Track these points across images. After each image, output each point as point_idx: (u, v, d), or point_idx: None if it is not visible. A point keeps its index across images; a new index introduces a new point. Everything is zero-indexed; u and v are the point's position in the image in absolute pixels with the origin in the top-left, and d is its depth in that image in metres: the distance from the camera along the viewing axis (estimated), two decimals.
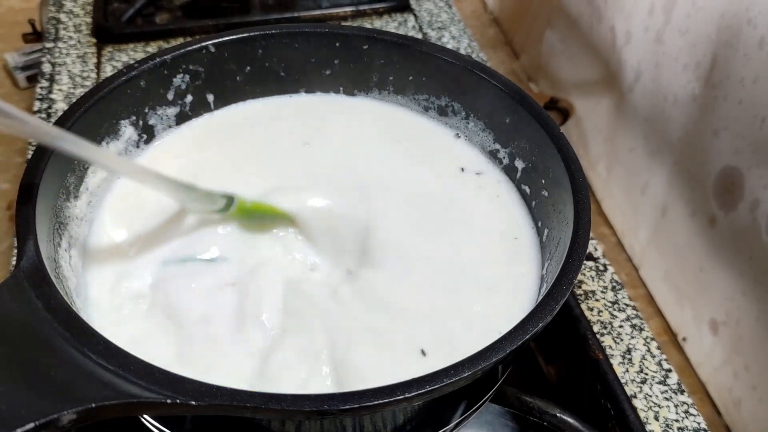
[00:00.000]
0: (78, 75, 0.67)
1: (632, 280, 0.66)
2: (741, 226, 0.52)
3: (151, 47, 0.70)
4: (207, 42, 0.46)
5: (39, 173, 0.36)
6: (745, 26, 0.49)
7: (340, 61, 0.49)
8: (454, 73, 0.47)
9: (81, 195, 0.41)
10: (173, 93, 0.47)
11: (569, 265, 0.35)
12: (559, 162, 0.40)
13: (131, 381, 0.29)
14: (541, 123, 0.42)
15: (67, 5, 0.75)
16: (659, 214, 0.62)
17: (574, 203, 0.38)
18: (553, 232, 0.41)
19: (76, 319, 0.31)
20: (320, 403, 0.28)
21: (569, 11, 0.74)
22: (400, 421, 0.35)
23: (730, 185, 0.53)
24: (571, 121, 0.76)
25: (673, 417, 0.45)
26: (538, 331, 0.32)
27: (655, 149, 0.62)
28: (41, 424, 0.26)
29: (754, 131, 0.50)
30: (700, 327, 0.58)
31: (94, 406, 0.27)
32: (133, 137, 0.45)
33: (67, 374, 0.29)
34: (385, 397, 0.29)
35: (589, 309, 0.51)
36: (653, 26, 0.60)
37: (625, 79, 0.65)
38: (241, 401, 0.28)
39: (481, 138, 0.48)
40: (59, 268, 0.36)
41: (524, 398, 0.45)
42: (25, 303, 0.31)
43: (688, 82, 0.56)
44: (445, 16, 0.78)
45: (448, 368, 0.30)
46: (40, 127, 0.34)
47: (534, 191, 0.44)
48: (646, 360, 0.48)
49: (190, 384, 0.29)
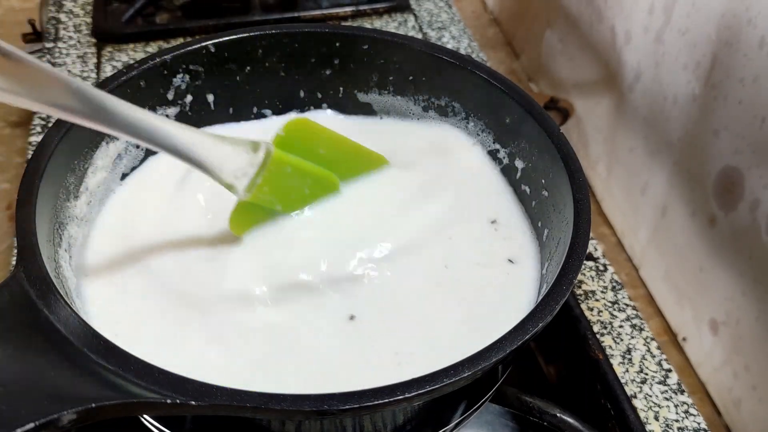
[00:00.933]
0: (78, 75, 0.67)
1: (632, 280, 0.65)
2: (741, 226, 0.52)
3: (151, 47, 0.70)
4: (207, 42, 0.46)
5: (39, 173, 0.36)
6: (745, 26, 0.49)
7: (340, 61, 0.49)
8: (454, 73, 0.47)
9: (81, 195, 0.41)
10: (173, 93, 0.47)
11: (569, 265, 0.35)
12: (559, 162, 0.40)
13: (131, 381, 0.29)
14: (541, 123, 0.42)
15: (67, 5, 0.75)
16: (659, 214, 0.62)
17: (574, 203, 0.38)
18: (553, 232, 0.41)
19: (76, 319, 0.31)
20: (320, 403, 0.28)
21: (569, 11, 0.74)
22: (400, 421, 0.35)
23: (730, 185, 0.52)
24: (571, 121, 0.76)
25: (673, 417, 0.45)
26: (538, 331, 0.32)
27: (655, 149, 0.62)
28: (41, 424, 0.26)
29: (754, 131, 0.49)
30: (700, 327, 0.58)
31: (94, 406, 0.27)
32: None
33: (67, 374, 0.29)
34: (385, 397, 0.29)
35: (589, 309, 0.51)
36: (653, 26, 0.60)
37: (625, 79, 0.65)
38: (241, 401, 0.28)
39: (481, 138, 0.48)
40: (59, 268, 0.36)
41: (524, 398, 0.45)
42: (25, 303, 0.31)
43: (688, 82, 0.56)
44: (445, 16, 0.78)
45: (448, 368, 0.30)
46: (67, 80, 0.31)
47: (534, 191, 0.44)
48: (646, 360, 0.48)
49: (190, 384, 0.29)
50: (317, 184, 0.43)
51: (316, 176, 0.42)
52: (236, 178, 0.38)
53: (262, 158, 0.38)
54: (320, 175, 0.43)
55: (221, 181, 0.37)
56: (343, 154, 0.44)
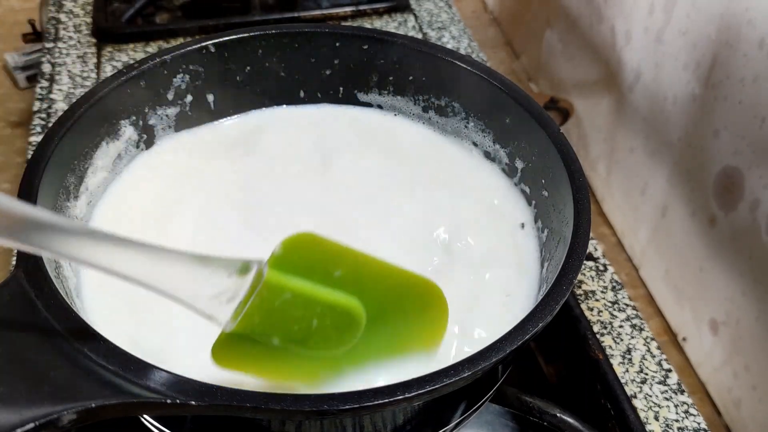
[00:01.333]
0: (78, 75, 0.66)
1: (632, 280, 0.66)
2: (741, 226, 0.52)
3: (151, 47, 0.70)
4: (207, 42, 0.46)
5: (39, 173, 0.36)
6: (745, 26, 0.49)
7: (340, 61, 0.49)
8: (454, 73, 0.47)
9: (81, 195, 0.41)
10: (173, 93, 0.47)
11: (569, 265, 0.35)
12: (559, 162, 0.40)
13: (131, 381, 0.28)
14: (541, 123, 0.42)
15: (67, 5, 0.75)
16: (659, 214, 0.62)
17: (574, 203, 0.38)
18: (553, 232, 0.41)
19: (76, 319, 0.31)
20: (320, 403, 0.28)
21: (569, 11, 0.74)
22: (400, 421, 0.35)
23: (730, 185, 0.53)
24: (571, 121, 0.76)
25: (673, 417, 0.45)
26: (538, 331, 0.32)
27: (655, 149, 0.62)
28: (41, 424, 0.26)
29: (754, 131, 0.49)
30: (700, 327, 0.58)
31: (94, 406, 0.27)
32: (133, 137, 0.45)
33: (67, 374, 0.28)
34: (385, 397, 0.29)
35: (589, 309, 0.51)
36: (653, 26, 0.60)
37: (625, 79, 0.65)
38: (241, 401, 0.28)
39: (480, 138, 0.48)
40: (59, 268, 0.36)
41: (524, 398, 0.45)
42: (25, 303, 0.31)
43: (688, 82, 0.56)
44: (445, 16, 0.78)
45: (448, 368, 0.30)
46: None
47: (534, 191, 0.44)
48: (646, 360, 0.48)
49: (190, 384, 0.29)
50: (330, 315, 0.32)
51: (328, 304, 0.32)
52: (219, 304, 0.30)
53: (251, 282, 0.30)
54: (333, 303, 0.32)
55: (196, 311, 0.30)
56: (369, 277, 0.33)
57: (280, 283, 0.31)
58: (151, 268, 0.29)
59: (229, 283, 0.30)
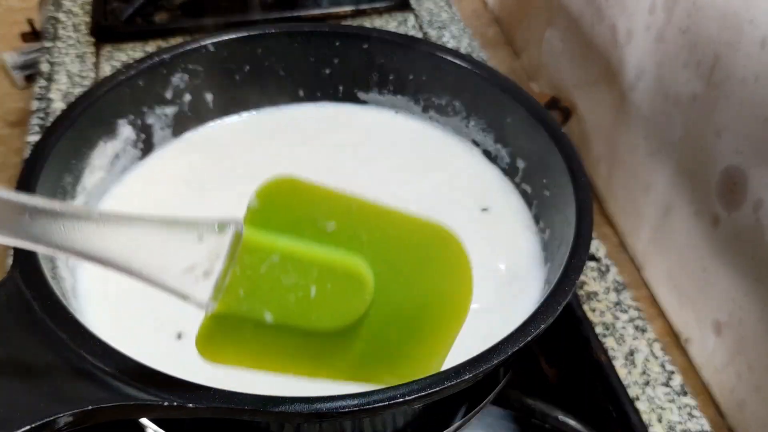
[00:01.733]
0: (76, 74, 0.66)
1: (635, 281, 0.65)
2: (744, 226, 0.52)
3: (149, 46, 0.70)
4: (206, 41, 0.46)
5: (36, 173, 0.36)
6: (747, 25, 0.49)
7: (339, 61, 0.49)
8: (455, 73, 0.46)
9: (78, 195, 0.41)
10: (172, 92, 0.46)
11: (571, 266, 0.34)
12: (561, 162, 0.40)
13: (128, 383, 0.28)
14: (543, 123, 0.42)
15: (66, 5, 0.75)
16: (662, 214, 0.62)
17: (576, 203, 0.38)
18: (555, 233, 0.41)
19: (73, 320, 0.30)
20: (319, 405, 0.28)
21: (570, 10, 0.74)
22: (400, 424, 0.35)
23: (733, 185, 0.52)
24: (572, 120, 0.75)
25: (677, 419, 0.45)
26: (540, 333, 0.32)
27: (657, 149, 0.61)
28: (37, 427, 0.26)
29: (757, 131, 0.49)
30: (704, 328, 0.57)
31: (91, 408, 0.27)
32: (131, 137, 0.45)
33: (63, 376, 0.28)
34: (385, 400, 0.28)
35: (591, 310, 0.50)
36: (654, 25, 0.60)
37: (627, 78, 0.65)
38: (239, 404, 0.28)
39: (481, 137, 0.48)
40: (56, 269, 0.36)
41: (526, 400, 0.44)
42: (21, 304, 0.31)
43: (690, 82, 0.56)
44: (446, 15, 0.77)
45: (449, 370, 0.30)
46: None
47: (535, 191, 0.44)
48: (649, 362, 0.48)
49: (188, 386, 0.28)
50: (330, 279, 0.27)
51: (326, 265, 0.27)
52: (195, 280, 0.25)
53: (227, 246, 0.25)
54: (331, 263, 0.27)
55: (169, 291, 0.25)
56: (369, 228, 0.28)
57: (262, 244, 0.26)
58: (109, 237, 0.24)
59: (202, 249, 0.25)
